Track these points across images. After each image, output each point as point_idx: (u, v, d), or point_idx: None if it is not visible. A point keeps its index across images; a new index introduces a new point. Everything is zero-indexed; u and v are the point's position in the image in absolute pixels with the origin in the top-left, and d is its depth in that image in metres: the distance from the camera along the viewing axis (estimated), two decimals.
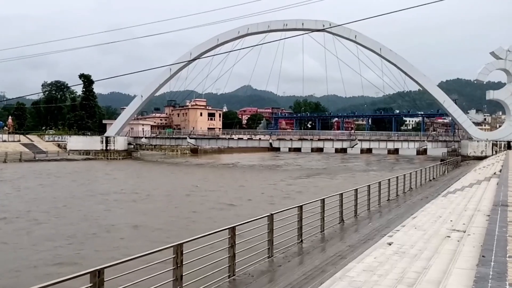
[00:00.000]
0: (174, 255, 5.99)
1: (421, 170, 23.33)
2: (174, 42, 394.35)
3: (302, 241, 9.49)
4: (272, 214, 8.29)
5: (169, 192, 27.57)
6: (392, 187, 16.87)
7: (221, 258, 7.09)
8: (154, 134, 71.87)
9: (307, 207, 9.91)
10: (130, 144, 66.38)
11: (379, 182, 15.28)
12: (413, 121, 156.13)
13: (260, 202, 23.06)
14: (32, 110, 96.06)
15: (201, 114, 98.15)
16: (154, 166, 52.51)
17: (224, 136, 64.60)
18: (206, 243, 6.91)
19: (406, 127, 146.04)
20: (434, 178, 26.42)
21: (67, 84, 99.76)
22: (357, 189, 13.14)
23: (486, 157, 46.88)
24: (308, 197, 19.43)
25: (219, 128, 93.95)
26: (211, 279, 6.79)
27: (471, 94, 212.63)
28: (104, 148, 61.86)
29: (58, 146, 64.93)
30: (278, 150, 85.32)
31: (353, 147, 59.67)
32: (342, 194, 11.90)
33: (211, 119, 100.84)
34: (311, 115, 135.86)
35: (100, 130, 74.60)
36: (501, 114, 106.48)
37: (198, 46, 60.89)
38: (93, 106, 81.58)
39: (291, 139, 63.96)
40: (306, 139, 61.39)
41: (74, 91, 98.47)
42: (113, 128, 65.44)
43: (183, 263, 6.07)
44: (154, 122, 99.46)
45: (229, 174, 42.38)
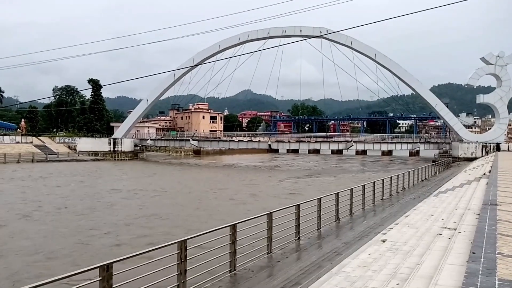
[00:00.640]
0: (178, 251, 6.17)
1: (413, 170, 23.59)
2: (177, 49, 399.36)
3: (299, 238, 9.69)
4: (271, 212, 8.47)
5: (189, 189, 28.90)
6: (385, 187, 17.13)
7: (222, 254, 7.27)
8: (159, 136, 73.21)
9: (305, 206, 10.13)
10: (136, 145, 67.61)
11: (373, 182, 15.52)
12: (406, 123, 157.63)
13: (269, 197, 24.59)
14: (43, 113, 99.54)
15: (203, 117, 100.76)
16: (163, 166, 52.99)
17: (225, 138, 66.16)
18: (208, 239, 7.13)
19: (399, 130, 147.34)
20: (426, 179, 26.69)
21: (77, 88, 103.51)
22: (352, 188, 13.38)
23: (476, 158, 47.58)
24: (309, 195, 20.60)
25: (221, 130, 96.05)
26: (213, 274, 6.99)
27: (462, 98, 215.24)
28: (111, 149, 63.12)
29: (68, 147, 66.45)
30: (276, 151, 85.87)
31: (348, 149, 60.57)
32: (338, 193, 12.11)
33: (213, 122, 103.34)
34: (309, 118, 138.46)
35: (108, 132, 76.01)
36: (490, 117, 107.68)
37: (201, 52, 61.81)
38: (101, 110, 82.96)
39: (289, 141, 64.68)
40: (304, 141, 62.58)
41: (83, 95, 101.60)
42: (120, 130, 66.47)
43: (187, 258, 6.25)
44: (159, 125, 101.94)
45: (236, 174, 42.81)
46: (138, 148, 68.01)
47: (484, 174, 18.60)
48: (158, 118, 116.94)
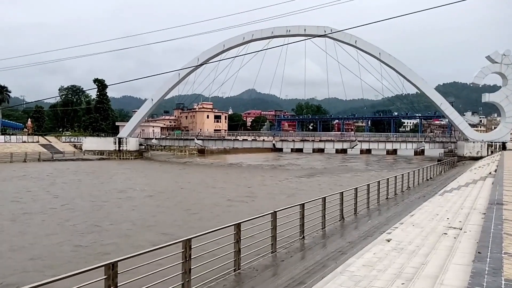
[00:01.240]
0: (183, 250, 6.19)
1: (418, 170, 23.54)
2: (182, 48, 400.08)
3: (304, 237, 9.69)
4: (275, 212, 8.48)
5: (194, 188, 29.44)
6: (390, 186, 17.06)
7: (227, 253, 7.31)
8: (164, 136, 73.56)
9: (309, 205, 10.12)
10: (141, 144, 68.01)
11: (378, 181, 15.49)
12: (411, 123, 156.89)
13: (271, 196, 24.92)
14: (50, 112, 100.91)
15: (207, 117, 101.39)
16: (168, 165, 53.35)
17: (229, 137, 66.11)
18: (213, 238, 7.14)
19: (404, 129, 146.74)
20: (431, 178, 26.61)
21: (82, 88, 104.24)
22: (357, 188, 13.34)
23: (481, 157, 47.21)
24: (314, 194, 20.83)
25: (225, 129, 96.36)
26: (218, 273, 7.02)
27: (467, 97, 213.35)
28: (117, 148, 63.55)
29: (74, 146, 67.01)
30: (280, 150, 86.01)
31: (353, 148, 60.41)
32: (342, 192, 12.09)
33: (217, 121, 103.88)
34: (313, 117, 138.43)
35: (113, 131, 76.56)
36: (496, 116, 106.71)
37: (205, 51, 61.90)
38: (106, 109, 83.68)
39: (294, 140, 64.83)
40: (308, 140, 62.65)
41: (89, 95, 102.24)
42: (125, 129, 66.87)
43: (192, 257, 6.27)
44: (164, 124, 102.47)
45: (242, 173, 43.02)
46: (143, 147, 68.42)
47: (489, 173, 18.45)
48: (163, 117, 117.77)
